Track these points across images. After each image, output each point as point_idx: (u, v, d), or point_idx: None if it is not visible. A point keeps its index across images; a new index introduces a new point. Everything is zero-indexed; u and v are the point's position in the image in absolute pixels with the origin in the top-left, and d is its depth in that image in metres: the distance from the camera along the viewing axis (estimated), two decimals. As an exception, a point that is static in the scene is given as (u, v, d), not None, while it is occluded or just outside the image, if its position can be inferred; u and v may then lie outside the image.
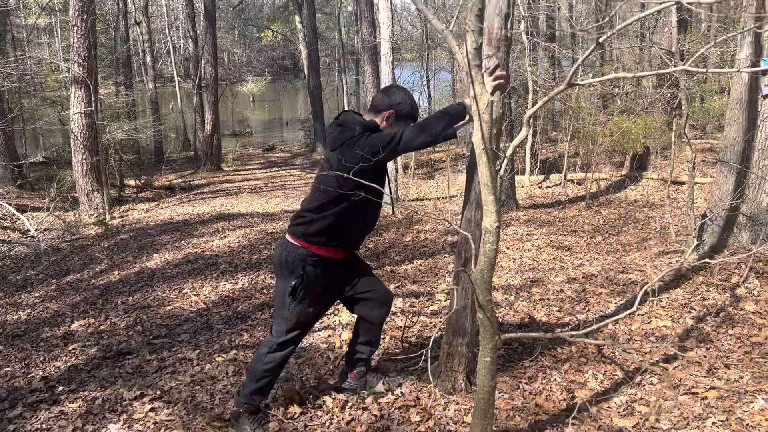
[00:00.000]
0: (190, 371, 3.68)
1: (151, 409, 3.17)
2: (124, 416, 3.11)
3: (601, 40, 1.76)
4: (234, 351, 3.95)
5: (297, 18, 19.07)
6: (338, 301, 3.16)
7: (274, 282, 5.57)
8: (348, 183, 2.61)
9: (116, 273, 6.40)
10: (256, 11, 40.91)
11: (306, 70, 19.14)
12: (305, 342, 4.04)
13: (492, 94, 2.58)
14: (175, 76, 21.89)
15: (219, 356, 3.88)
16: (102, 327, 4.77)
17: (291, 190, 12.17)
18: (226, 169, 15.88)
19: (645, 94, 12.13)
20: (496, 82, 2.50)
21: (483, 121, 2.21)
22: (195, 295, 5.41)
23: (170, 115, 23.75)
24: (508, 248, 6.35)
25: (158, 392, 3.37)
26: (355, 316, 3.20)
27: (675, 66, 5.14)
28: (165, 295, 5.47)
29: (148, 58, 20.63)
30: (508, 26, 2.67)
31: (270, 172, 15.45)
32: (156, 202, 11.32)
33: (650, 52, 12.46)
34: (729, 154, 5.55)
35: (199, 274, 6.07)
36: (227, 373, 3.60)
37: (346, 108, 18.29)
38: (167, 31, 24.75)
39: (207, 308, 5.02)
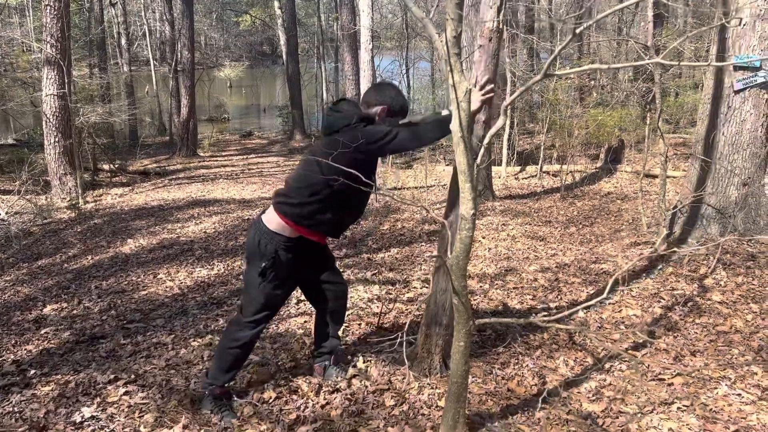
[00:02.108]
0: (165, 355, 3.67)
1: (126, 393, 3.16)
2: (98, 399, 3.10)
3: (577, 31, 1.79)
4: (209, 336, 3.95)
5: (276, 3, 18.90)
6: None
7: (250, 268, 5.57)
8: (337, 168, 2.64)
9: (89, 257, 6.33)
10: (234, -5, 40.35)
11: (284, 57, 18.99)
12: (281, 327, 4.06)
13: (479, 109, 2.70)
14: (151, 59, 21.54)
15: (194, 341, 3.88)
16: (75, 311, 4.72)
17: (268, 177, 12.10)
18: (202, 154, 15.72)
19: (621, 87, 12.28)
20: (485, 97, 2.65)
21: (461, 109, 2.23)
22: (170, 280, 5.38)
23: (146, 99, 23.38)
24: (483, 237, 6.42)
25: (132, 376, 3.36)
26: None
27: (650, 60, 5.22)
28: (140, 280, 5.43)
29: (123, 41, 20.30)
30: (501, 18, 2.70)
31: (247, 158, 15.34)
32: (130, 187, 11.18)
33: (627, 46, 12.61)
34: (700, 148, 5.67)
35: (174, 259, 6.03)
36: (202, 357, 3.60)
37: (324, 96, 18.21)
38: (143, 14, 24.31)
39: (182, 293, 5.00)
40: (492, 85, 2.69)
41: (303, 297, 4.64)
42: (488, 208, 8.01)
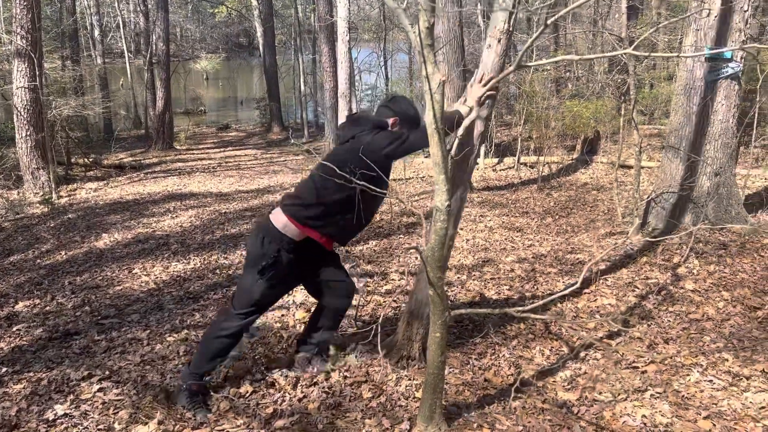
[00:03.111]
0: (140, 351, 3.63)
1: (100, 389, 3.12)
2: (71, 397, 3.06)
3: (549, 21, 1.80)
4: (185, 331, 3.91)
5: (252, -6, 18.71)
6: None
7: (226, 262, 5.53)
8: (356, 169, 2.71)
9: (63, 253, 6.23)
10: (210, -14, 39.79)
11: (261, 48, 18.82)
12: (259, 321, 4.03)
13: (481, 104, 2.71)
14: (126, 51, 21.19)
15: (170, 336, 3.84)
16: (48, 307, 4.65)
17: (245, 170, 12.01)
18: (178, 147, 15.53)
19: (596, 79, 12.38)
20: (488, 93, 2.66)
21: (435, 101, 2.23)
22: (146, 275, 5.32)
23: (120, 92, 22.99)
24: (461, 229, 6.44)
25: (107, 372, 3.32)
26: (310, 297, 3.25)
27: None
28: (114, 275, 5.36)
29: (97, 32, 19.92)
30: (512, 21, 2.70)
31: (224, 151, 15.20)
32: (105, 181, 11.01)
33: (602, 38, 12.70)
34: (674, 139, 5.74)
35: (150, 254, 5.96)
36: (178, 352, 3.57)
37: (302, 87, 18.10)
38: (117, 5, 23.89)
39: (158, 288, 4.95)
40: (495, 82, 2.69)
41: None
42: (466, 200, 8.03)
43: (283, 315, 4.09)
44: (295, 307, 4.20)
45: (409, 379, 3.13)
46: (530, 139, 11.31)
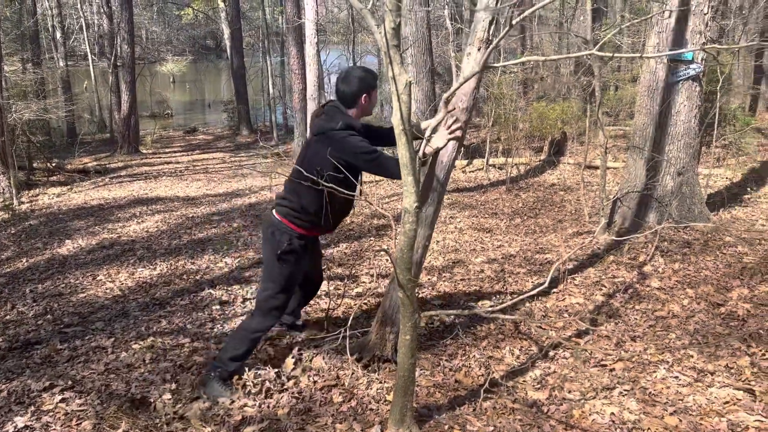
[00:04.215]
0: (105, 360, 3.54)
1: (62, 400, 3.03)
2: (32, 408, 2.96)
3: (514, 22, 1.80)
4: (151, 338, 3.83)
5: (219, -4, 18.51)
6: None
7: (194, 267, 5.44)
8: (324, 169, 2.89)
9: (24, 260, 6.06)
10: (175, -12, 39.24)
11: (229, 51, 18.62)
12: (226, 327, 3.98)
13: (443, 146, 2.82)
14: (89, 53, 20.75)
15: (135, 343, 3.76)
16: (8, 317, 4.51)
17: (213, 173, 11.86)
18: (144, 151, 15.27)
19: (562, 81, 12.55)
20: (452, 136, 2.79)
21: (402, 102, 2.22)
22: (110, 281, 5.20)
23: (84, 95, 22.51)
24: (431, 231, 6.45)
25: (69, 382, 3.23)
26: None
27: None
28: (78, 282, 5.23)
29: (58, 34, 19.49)
30: (491, 30, 2.73)
31: (192, 155, 14.99)
32: (69, 186, 10.75)
33: (568, 39, 12.88)
34: (638, 140, 5.84)
35: (115, 260, 5.83)
36: (144, 360, 3.49)
37: (270, 90, 17.97)
38: (79, 6, 23.42)
39: (123, 295, 4.84)
40: (460, 129, 2.83)
41: (248, 295, 4.57)
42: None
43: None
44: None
45: (380, 382, 3.11)
46: (499, 140, 11.40)
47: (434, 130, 2.56)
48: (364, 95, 3.01)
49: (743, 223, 6.10)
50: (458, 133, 2.81)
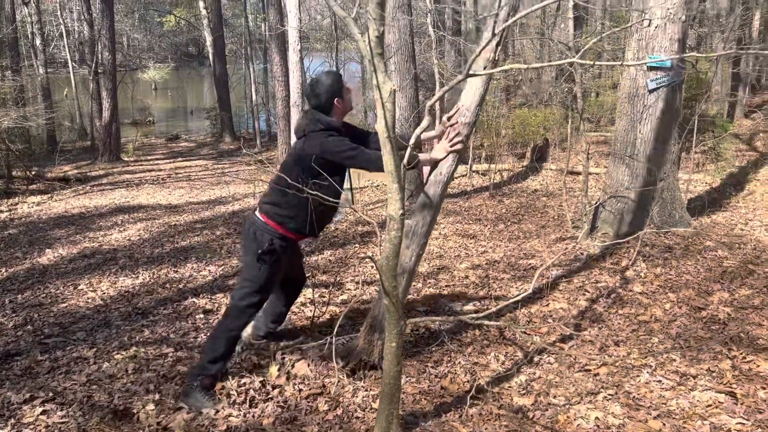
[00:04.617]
0: (86, 370, 3.49)
1: (43, 412, 2.99)
2: (12, 421, 2.92)
3: (496, 31, 1.81)
4: (134, 348, 3.79)
5: (201, 3, 18.40)
6: None
7: (177, 275, 5.40)
8: (306, 171, 2.97)
9: (3, 270, 5.97)
10: (157, -5, 39.03)
11: (211, 58, 18.54)
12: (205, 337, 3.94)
13: (442, 158, 2.97)
14: (69, 60, 20.55)
15: (118, 354, 3.71)
16: (-13, 328, 4.43)
17: (196, 180, 11.79)
18: (126, 159, 15.13)
19: (544, 88, 12.66)
20: (452, 149, 2.94)
21: (386, 110, 2.23)
22: (92, 291, 5.14)
23: (64, 103, 22.26)
24: (416, 237, 6.46)
25: (51, 394, 3.18)
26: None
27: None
28: (59, 292, 5.16)
29: (38, 41, 19.25)
30: (498, 51, 2.77)
31: (174, 162, 14.89)
32: (49, 195, 10.63)
33: (549, 47, 13.01)
34: (619, 146, 5.90)
35: (96, 269, 5.77)
36: (127, 370, 3.45)
37: (253, 97, 17.93)
38: (59, 13, 23.21)
39: (105, 305, 4.78)
40: (461, 141, 2.95)
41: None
42: (420, 208, 8.08)
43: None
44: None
45: (366, 390, 3.11)
46: (482, 147, 11.47)
47: (417, 139, 2.57)
48: (336, 99, 3.10)
49: (723, 227, 6.18)
50: (459, 147, 2.94)
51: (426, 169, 9.02)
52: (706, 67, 9.04)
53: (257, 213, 3.19)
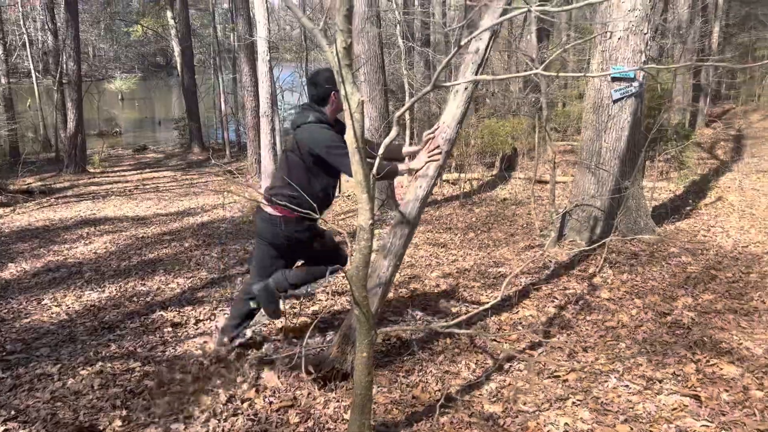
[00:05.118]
0: (51, 387, 3.41)
1: (5, 431, 2.90)
2: (-28, 441, 2.83)
3: (462, 43, 1.84)
4: (100, 363, 3.71)
5: (169, 13, 18.24)
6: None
7: (144, 288, 5.31)
8: (306, 157, 3.22)
9: (-37, 285, 5.80)
10: (124, 4, 38.62)
11: (179, 68, 18.37)
12: (179, 349, 3.89)
13: (420, 168, 3.08)
14: (33, 71, 20.14)
15: (83, 369, 3.63)
16: (-55, 345, 4.30)
17: (164, 192, 11.63)
18: (92, 171, 14.86)
19: (512, 98, 12.85)
20: (430, 160, 3.06)
21: (355, 120, 2.24)
22: (56, 305, 5.02)
23: (27, 113, 21.80)
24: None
25: (13, 412, 3.10)
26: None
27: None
28: (21, 307, 5.03)
29: (0, 51, 18.86)
30: (481, 71, 2.84)
31: (142, 173, 14.68)
32: (12, 208, 10.37)
33: (516, 57, 13.21)
34: (585, 155, 6.01)
35: (61, 283, 5.64)
36: (92, 386, 3.38)
37: (222, 107, 17.80)
38: (22, 22, 22.76)
39: (70, 319, 4.68)
40: (440, 155, 3.08)
41: (201, 316, 4.49)
42: (391, 217, 8.10)
43: (205, 342, 3.95)
44: (218, 332, 4.07)
45: (338, 401, 3.09)
46: (451, 156, 11.56)
47: (387, 149, 2.58)
48: (333, 92, 3.24)
49: (686, 234, 6.33)
50: (437, 158, 3.04)
51: (399, 182, 9.06)
52: (668, 78, 9.28)
53: (266, 208, 3.37)
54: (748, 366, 3.38)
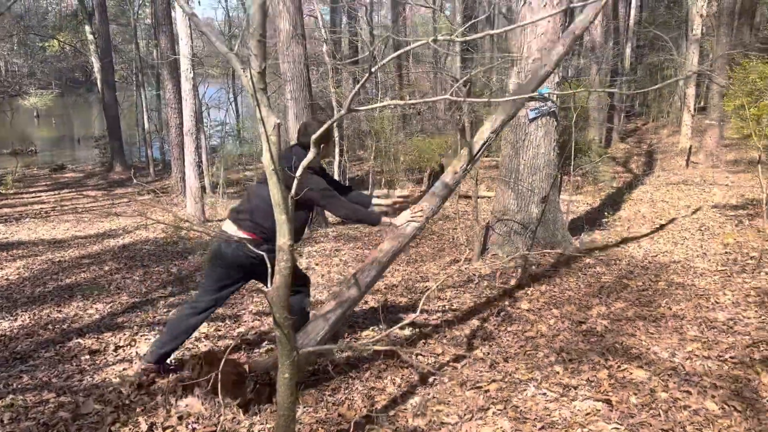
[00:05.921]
0: (-45, 425, 3.22)
1: None
2: None
3: (374, 69, 1.91)
4: (11, 396, 3.53)
5: (88, 28, 17.66)
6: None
7: (60, 315, 5.10)
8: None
9: None
10: (39, 18, 37.03)
11: (100, 84, 17.77)
12: (96, 378, 3.76)
13: (400, 225, 3.58)
14: (-63, 86, 19.05)
15: (-8, 403, 3.45)
16: None
17: (84, 213, 11.19)
18: (4, 192, 14.13)
19: (438, 116, 13.16)
20: (412, 220, 3.58)
21: (271, 143, 2.26)
22: (-37, 337, 4.74)
23: (-69, 132, 20.56)
24: (317, 264, 6.48)
25: None
26: None
27: (458, 90, 5.66)
28: (-77, 339, 4.72)
29: None
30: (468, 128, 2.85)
31: (59, 194, 14.06)
32: None
33: (441, 76, 13.54)
34: (505, 171, 6.24)
35: (-32, 312, 5.33)
36: (2, 421, 3.22)
37: (146, 125, 17.35)
38: (-75, 35, 21.46)
39: (-22, 351, 4.43)
40: (423, 216, 3.64)
41: (121, 342, 4.36)
42: (321, 235, 8.11)
43: (124, 369, 3.83)
44: (138, 359, 3.96)
45: (262, 424, 3.07)
46: (381, 173, 11.71)
47: (304, 171, 2.60)
48: (322, 145, 3.46)
49: (601, 245, 6.65)
50: (419, 219, 3.54)
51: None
52: (583, 96, 9.75)
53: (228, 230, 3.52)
54: (655, 369, 3.59)
